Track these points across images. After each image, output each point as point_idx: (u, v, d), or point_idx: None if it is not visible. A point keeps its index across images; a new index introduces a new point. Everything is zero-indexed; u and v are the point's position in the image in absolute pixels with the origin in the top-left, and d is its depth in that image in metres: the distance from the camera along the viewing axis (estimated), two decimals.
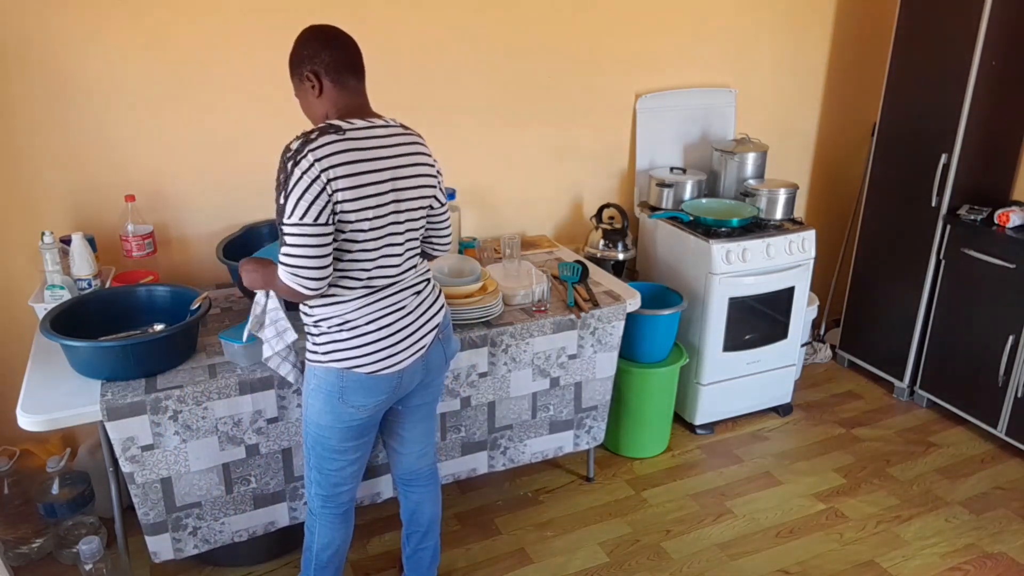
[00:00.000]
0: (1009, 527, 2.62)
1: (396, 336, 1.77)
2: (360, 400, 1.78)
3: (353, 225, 1.64)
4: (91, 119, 2.39)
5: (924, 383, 3.32)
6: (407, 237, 1.77)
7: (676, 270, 3.07)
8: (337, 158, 1.59)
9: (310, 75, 1.68)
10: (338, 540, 1.99)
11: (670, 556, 2.48)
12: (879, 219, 3.38)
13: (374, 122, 1.70)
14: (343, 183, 1.59)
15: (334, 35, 1.71)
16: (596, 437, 2.69)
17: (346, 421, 1.80)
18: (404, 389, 1.85)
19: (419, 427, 2.03)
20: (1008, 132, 3.09)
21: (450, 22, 2.75)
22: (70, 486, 2.40)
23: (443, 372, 1.99)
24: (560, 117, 3.08)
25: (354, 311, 1.73)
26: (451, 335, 1.98)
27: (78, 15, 2.29)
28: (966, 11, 2.87)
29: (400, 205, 1.72)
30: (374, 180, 1.65)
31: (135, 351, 1.92)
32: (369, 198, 1.64)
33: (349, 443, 1.85)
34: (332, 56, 1.67)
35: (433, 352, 1.88)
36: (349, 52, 1.70)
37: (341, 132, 1.63)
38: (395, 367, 1.78)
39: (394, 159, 1.70)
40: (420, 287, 1.85)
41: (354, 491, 1.98)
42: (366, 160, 1.64)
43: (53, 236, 2.21)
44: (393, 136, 1.72)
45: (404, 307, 1.79)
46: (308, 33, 1.71)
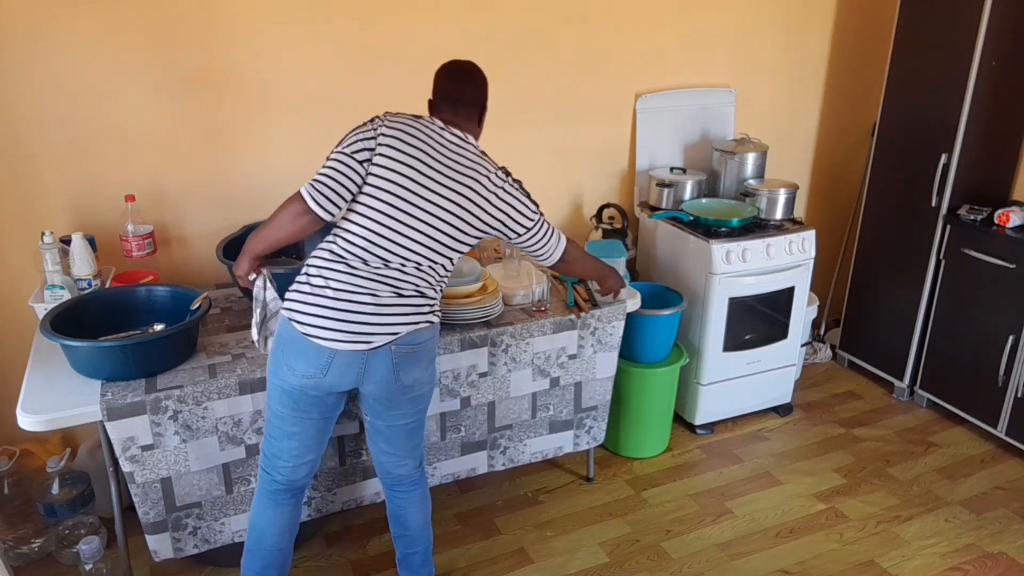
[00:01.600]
0: (1009, 527, 2.62)
1: (346, 315, 1.76)
2: (293, 361, 1.78)
3: (377, 184, 1.77)
4: (91, 119, 2.39)
5: (924, 383, 3.32)
6: (420, 239, 1.81)
7: (676, 270, 3.07)
8: (398, 125, 1.81)
9: (431, 101, 1.98)
10: (262, 524, 1.95)
11: (670, 556, 2.48)
12: (879, 219, 3.38)
13: (452, 130, 1.87)
14: (389, 142, 1.78)
15: (459, 72, 1.98)
16: (596, 437, 2.69)
17: (282, 378, 1.81)
18: (336, 377, 1.79)
19: (394, 441, 2.00)
20: (1008, 132, 3.09)
21: (450, 22, 2.75)
22: (70, 486, 2.40)
23: (407, 398, 1.91)
24: (560, 117, 3.08)
25: (333, 274, 1.78)
26: (416, 361, 1.87)
27: (79, 15, 2.29)
28: (966, 11, 2.87)
29: (427, 202, 1.80)
30: (415, 162, 1.79)
31: (135, 351, 1.92)
32: (403, 172, 1.78)
33: (285, 409, 1.84)
34: (450, 90, 1.96)
35: (379, 359, 1.81)
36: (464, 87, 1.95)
37: (417, 118, 1.86)
38: (327, 342, 1.76)
39: (448, 161, 1.83)
40: (406, 292, 1.83)
41: (294, 479, 1.93)
42: (420, 142, 1.81)
43: (53, 236, 2.21)
44: (460, 148, 1.87)
45: (376, 296, 1.79)
46: (443, 67, 1.99)
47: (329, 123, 2.68)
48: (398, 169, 1.78)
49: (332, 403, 1.89)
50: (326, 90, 2.65)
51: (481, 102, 1.98)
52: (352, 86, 2.69)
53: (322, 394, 1.84)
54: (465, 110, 1.94)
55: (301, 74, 2.60)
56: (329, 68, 2.63)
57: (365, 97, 2.72)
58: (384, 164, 1.78)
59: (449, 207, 1.83)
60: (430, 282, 1.87)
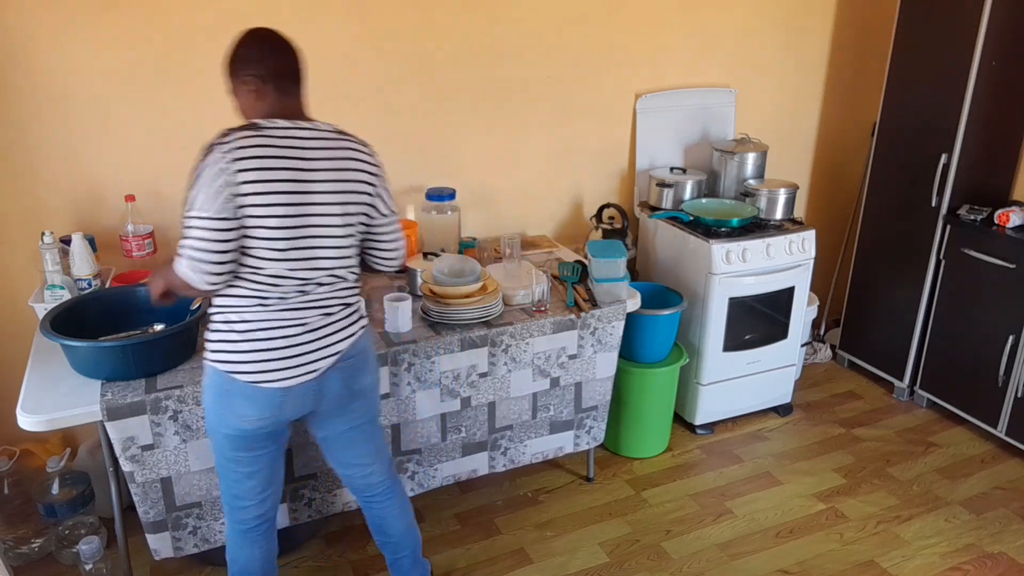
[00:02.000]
0: (1009, 527, 2.62)
1: (286, 351, 1.69)
2: (242, 409, 1.70)
3: (259, 221, 1.60)
4: (91, 119, 2.39)
5: (924, 383, 3.32)
6: (321, 245, 1.68)
7: (676, 270, 3.07)
8: (248, 151, 1.57)
9: (252, 78, 1.66)
10: (242, 559, 1.91)
11: (670, 556, 2.48)
12: (879, 219, 3.38)
13: (297, 123, 1.66)
14: (251, 176, 1.57)
15: (279, 41, 1.69)
16: (596, 437, 2.69)
17: (231, 427, 1.73)
18: (292, 411, 1.75)
19: (353, 450, 1.93)
20: (1008, 132, 3.09)
21: (450, 22, 2.75)
22: (70, 486, 2.40)
23: (360, 402, 1.86)
24: (560, 117, 3.08)
25: (250, 314, 1.67)
26: (364, 367, 1.84)
27: (79, 14, 2.29)
28: (966, 11, 2.87)
29: (318, 209, 1.66)
30: (286, 178, 1.61)
31: (135, 351, 1.91)
32: (278, 195, 1.60)
33: (240, 453, 1.77)
34: (276, 62, 1.67)
35: (330, 380, 1.76)
36: (292, 59, 1.70)
37: (258, 129, 1.62)
38: (277, 383, 1.69)
39: (315, 162, 1.65)
40: (333, 309, 1.75)
41: (262, 512, 1.88)
42: (280, 158, 1.61)
43: (53, 236, 2.21)
44: (320, 140, 1.68)
45: (305, 324, 1.70)
46: (252, 36, 1.69)
47: (325, 118, 2.68)
48: (274, 201, 1.60)
49: (283, 433, 1.84)
50: (325, 90, 2.65)
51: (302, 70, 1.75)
52: (353, 85, 2.69)
53: (275, 429, 1.78)
54: (295, 83, 1.71)
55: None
56: (328, 68, 2.63)
57: (365, 98, 2.72)
58: (258, 203, 1.59)
59: (340, 211, 1.70)
60: (349, 288, 1.80)
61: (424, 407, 2.31)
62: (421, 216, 2.82)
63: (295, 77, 1.70)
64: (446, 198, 2.77)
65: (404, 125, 2.82)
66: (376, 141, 2.80)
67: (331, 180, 1.68)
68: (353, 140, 1.75)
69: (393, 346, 2.19)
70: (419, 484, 2.43)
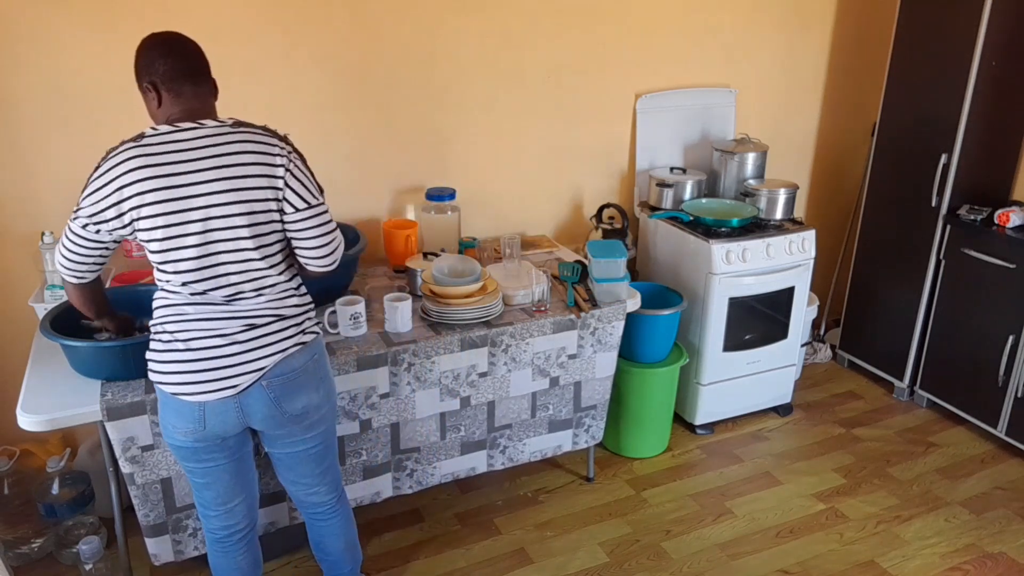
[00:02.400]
0: (1009, 527, 2.62)
1: (202, 363, 1.63)
2: (172, 419, 1.68)
3: (148, 235, 1.57)
4: (91, 119, 2.40)
5: (924, 383, 3.32)
6: (224, 249, 1.60)
7: (676, 270, 3.07)
8: (128, 164, 1.54)
9: (148, 86, 1.62)
10: (220, 569, 1.89)
11: (670, 556, 2.48)
12: (879, 219, 3.38)
13: (180, 125, 1.59)
14: (133, 192, 1.54)
15: (169, 43, 1.62)
16: (595, 436, 2.69)
17: (171, 438, 1.71)
18: (216, 427, 1.68)
19: (296, 470, 1.88)
20: (1008, 132, 3.09)
21: (450, 22, 2.75)
22: (70, 486, 2.40)
23: (293, 424, 1.75)
24: (560, 117, 3.08)
25: (173, 322, 1.64)
26: (298, 389, 1.72)
27: (79, 14, 2.29)
28: (966, 11, 2.87)
29: (208, 213, 1.57)
30: (165, 185, 1.54)
31: (135, 351, 1.91)
32: (157, 204, 1.54)
33: (189, 463, 1.75)
34: (167, 65, 1.60)
35: (253, 398, 1.67)
36: (185, 59, 1.62)
37: (140, 138, 1.57)
38: (193, 396, 1.64)
39: (198, 162, 1.57)
40: (260, 320, 1.66)
41: (231, 524, 1.85)
42: (159, 165, 1.55)
43: (53, 236, 2.21)
44: (205, 138, 1.58)
45: (224, 336, 1.64)
46: (145, 42, 1.64)
47: (325, 119, 2.69)
48: (157, 212, 1.55)
49: (233, 444, 1.76)
50: (325, 91, 2.65)
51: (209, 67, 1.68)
52: (353, 86, 2.69)
53: (216, 442, 1.72)
54: (205, 79, 1.65)
55: (300, 74, 2.60)
56: (328, 69, 2.63)
57: (365, 98, 2.72)
58: (144, 215, 1.55)
59: (239, 210, 1.60)
60: (281, 299, 1.70)
61: (424, 406, 2.31)
62: (421, 216, 2.82)
63: (191, 78, 1.62)
64: (446, 198, 2.77)
65: (404, 125, 2.82)
66: (376, 141, 2.82)
67: (220, 179, 1.58)
68: (250, 131, 1.63)
69: (393, 346, 2.19)
70: (418, 482, 2.43)
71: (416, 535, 2.56)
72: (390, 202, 2.91)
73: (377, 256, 2.87)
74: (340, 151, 2.74)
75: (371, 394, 2.21)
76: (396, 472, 2.38)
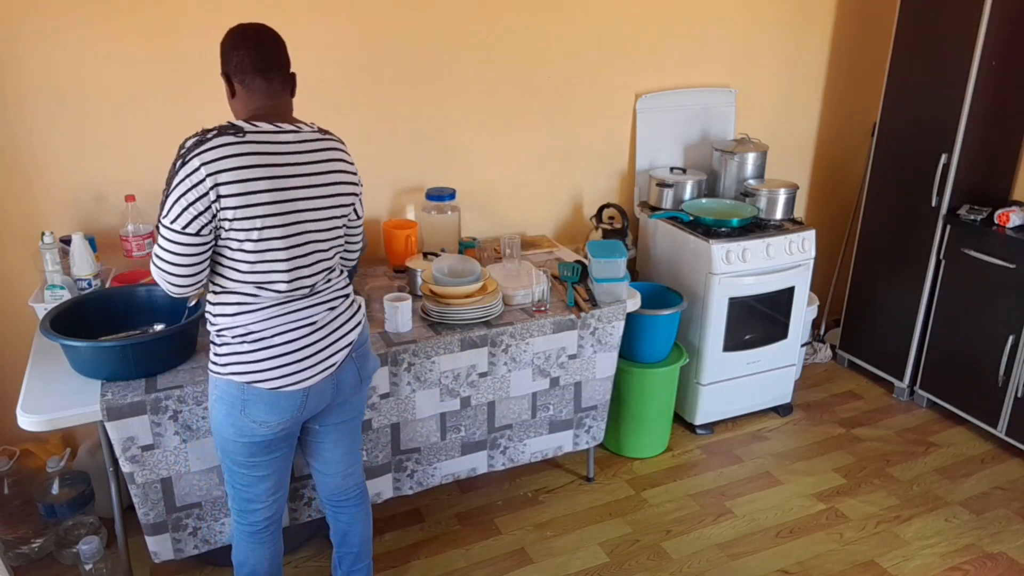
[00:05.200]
0: (1009, 527, 2.62)
1: (303, 352, 1.69)
2: (262, 416, 1.69)
3: (244, 233, 1.57)
4: (91, 119, 2.40)
5: (924, 383, 3.32)
6: (317, 248, 1.68)
7: (676, 270, 3.07)
8: (229, 162, 1.53)
9: (224, 77, 1.65)
10: (252, 560, 1.91)
11: (670, 556, 2.48)
12: (879, 219, 3.38)
13: (282, 127, 1.62)
14: (233, 188, 1.53)
15: (246, 34, 1.63)
16: (596, 436, 2.69)
17: (248, 435, 1.72)
18: (312, 408, 1.76)
19: (341, 446, 1.95)
20: (1008, 132, 3.09)
21: (451, 22, 2.75)
22: (70, 486, 2.40)
23: (360, 391, 1.90)
24: (560, 117, 3.08)
25: (259, 322, 1.65)
26: (369, 353, 1.88)
27: (79, 15, 2.29)
28: (966, 11, 2.87)
29: (308, 215, 1.64)
30: (272, 187, 1.57)
31: (135, 351, 1.91)
32: (263, 205, 1.57)
33: (256, 458, 1.77)
34: (240, 57, 1.61)
35: (345, 371, 1.79)
36: (261, 52, 1.62)
37: (241, 134, 1.56)
38: (300, 384, 1.69)
39: (302, 166, 1.63)
40: (336, 302, 1.77)
41: (272, 514, 1.89)
42: (264, 165, 1.57)
43: (53, 236, 2.21)
44: (305, 142, 1.65)
45: (315, 322, 1.71)
46: (228, 33, 1.65)
47: (325, 119, 2.69)
48: (259, 212, 1.57)
49: (296, 432, 1.83)
50: (325, 91, 2.66)
51: (286, 62, 1.70)
52: (354, 86, 2.69)
53: (291, 431, 1.78)
54: (279, 75, 1.66)
55: (299, 74, 2.60)
56: (328, 69, 2.64)
57: (365, 98, 2.72)
58: (241, 216, 1.55)
59: (328, 214, 1.69)
60: (342, 280, 1.83)
61: (424, 407, 2.31)
62: (421, 216, 2.83)
63: (262, 72, 1.63)
64: (446, 198, 2.77)
65: (404, 125, 2.82)
66: (376, 141, 2.82)
67: (318, 184, 1.66)
68: (335, 140, 1.74)
69: (393, 346, 2.19)
70: (418, 482, 2.43)
71: (416, 535, 2.56)
72: (390, 202, 2.91)
73: (377, 256, 2.87)
74: None
75: (371, 394, 2.21)
76: (397, 473, 2.38)
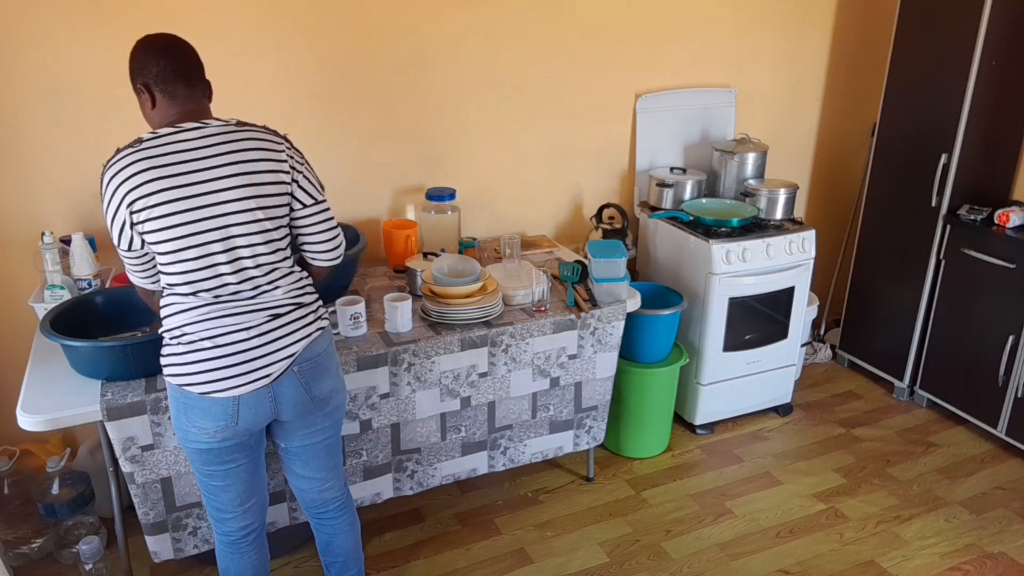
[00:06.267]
0: (1009, 527, 2.62)
1: (232, 358, 1.63)
2: (200, 422, 1.66)
3: (156, 235, 1.57)
4: (91, 119, 2.40)
5: (924, 383, 3.32)
6: (239, 244, 1.62)
7: (676, 270, 3.07)
8: (127, 173, 1.54)
9: (142, 87, 1.62)
10: (234, 570, 1.88)
11: (670, 556, 2.48)
12: (879, 219, 3.38)
13: (181, 126, 1.59)
14: (134, 196, 1.54)
15: (162, 44, 1.62)
16: (596, 437, 2.69)
17: (195, 442, 1.70)
18: (249, 420, 1.69)
19: (313, 465, 1.89)
20: (1008, 132, 3.09)
21: (451, 22, 2.75)
22: (70, 486, 2.40)
23: (323, 413, 1.81)
24: (560, 117, 3.08)
25: (192, 323, 1.63)
26: (324, 371, 1.77)
27: (78, 15, 2.29)
28: (966, 11, 2.87)
29: (222, 209, 1.59)
30: (171, 186, 1.55)
31: (135, 351, 1.91)
32: (165, 205, 1.55)
33: (210, 467, 1.74)
34: (159, 67, 1.60)
35: (285, 385, 1.70)
36: (179, 60, 1.62)
37: (138, 143, 1.57)
38: (227, 392, 1.64)
39: (207, 160, 1.58)
40: (283, 310, 1.69)
41: (247, 524, 1.85)
42: (161, 167, 1.55)
43: (53, 236, 2.21)
44: (212, 137, 1.60)
45: (250, 328, 1.64)
46: (138, 44, 1.63)
47: (325, 119, 2.69)
48: (169, 213, 1.56)
49: (254, 442, 1.78)
50: (325, 90, 2.65)
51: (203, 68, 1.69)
52: (353, 85, 2.69)
53: (241, 440, 1.73)
54: (199, 81, 1.66)
55: (300, 74, 2.60)
56: (327, 68, 2.64)
57: (365, 98, 2.72)
58: (154, 222, 1.56)
59: (252, 205, 1.62)
60: (298, 288, 1.74)
61: (424, 407, 2.31)
62: (421, 216, 2.82)
63: (184, 79, 1.62)
64: (446, 198, 2.77)
65: (404, 125, 2.82)
66: (376, 141, 2.82)
67: (232, 176, 1.60)
68: (256, 130, 1.67)
69: (393, 346, 2.20)
70: (418, 483, 2.43)
71: (416, 535, 2.56)
72: (390, 202, 2.91)
73: (377, 256, 2.87)
74: (340, 151, 2.74)
75: (371, 394, 2.21)
76: (397, 473, 2.38)
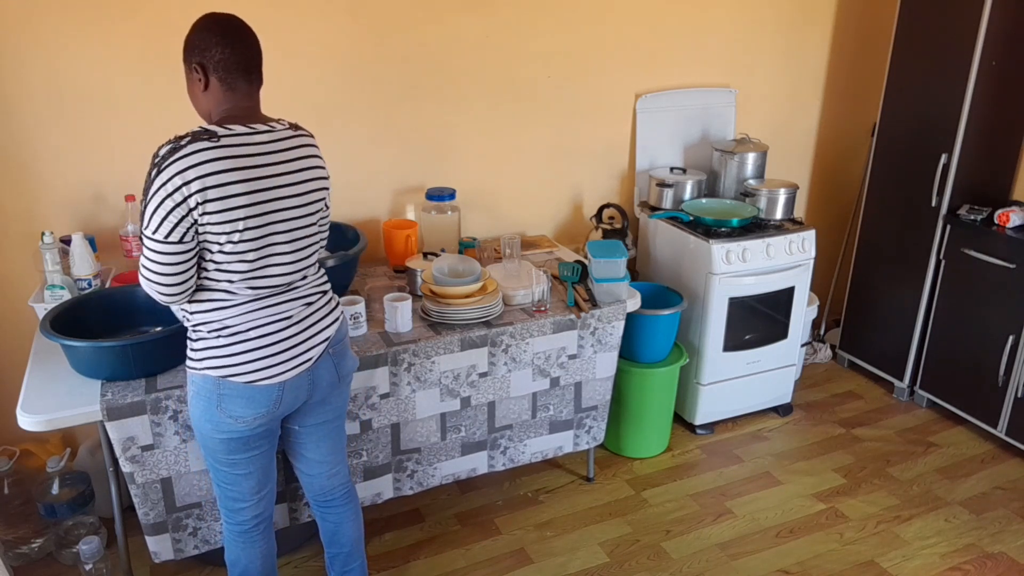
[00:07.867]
0: (1009, 527, 2.62)
1: (278, 346, 1.68)
2: (238, 411, 1.68)
3: (224, 236, 1.57)
4: (91, 119, 2.40)
5: (924, 383, 3.32)
6: (295, 246, 1.69)
7: (676, 270, 3.07)
8: (204, 168, 1.50)
9: (198, 67, 1.58)
10: (244, 560, 1.90)
11: (670, 556, 2.48)
12: (879, 219, 3.38)
13: (255, 128, 1.60)
14: (209, 195, 1.51)
15: (232, 30, 1.57)
16: (596, 437, 2.69)
17: (225, 431, 1.70)
18: (288, 404, 1.75)
19: (323, 446, 1.93)
20: (1008, 132, 3.09)
21: (452, 22, 2.75)
22: (70, 486, 2.40)
23: (340, 389, 1.88)
24: (560, 117, 3.08)
25: (235, 317, 1.65)
26: (347, 350, 1.87)
27: (79, 15, 2.29)
28: (966, 11, 2.87)
29: (284, 213, 1.64)
30: (249, 190, 1.56)
31: (135, 351, 1.91)
32: (241, 208, 1.56)
33: (236, 456, 1.75)
34: (224, 54, 1.56)
35: (321, 367, 1.78)
36: (245, 52, 1.58)
37: (215, 139, 1.53)
38: (275, 379, 1.68)
39: (278, 165, 1.62)
40: (312, 298, 1.76)
41: (260, 512, 1.87)
42: (240, 168, 1.55)
43: (53, 236, 2.21)
44: (279, 141, 1.64)
45: (290, 317, 1.70)
46: (206, 21, 1.58)
47: (326, 119, 2.68)
48: (238, 216, 1.56)
49: (275, 427, 1.82)
50: (324, 90, 2.65)
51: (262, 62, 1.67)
52: (353, 85, 2.69)
53: (272, 426, 1.78)
54: (258, 75, 1.64)
55: (300, 74, 2.60)
56: (327, 68, 2.63)
57: (365, 98, 2.72)
58: (221, 220, 1.55)
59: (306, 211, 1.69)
60: (321, 276, 1.83)
61: (424, 407, 2.31)
62: (421, 216, 2.82)
63: (246, 71, 1.60)
64: (446, 198, 2.77)
65: (404, 125, 2.82)
66: (377, 141, 2.82)
67: (295, 183, 1.66)
68: (307, 135, 1.73)
69: (393, 346, 2.20)
70: (418, 483, 2.43)
71: (416, 535, 2.56)
72: (390, 202, 2.91)
73: (377, 256, 2.87)
74: (340, 151, 2.74)
75: (371, 394, 2.21)
76: (397, 473, 2.38)
